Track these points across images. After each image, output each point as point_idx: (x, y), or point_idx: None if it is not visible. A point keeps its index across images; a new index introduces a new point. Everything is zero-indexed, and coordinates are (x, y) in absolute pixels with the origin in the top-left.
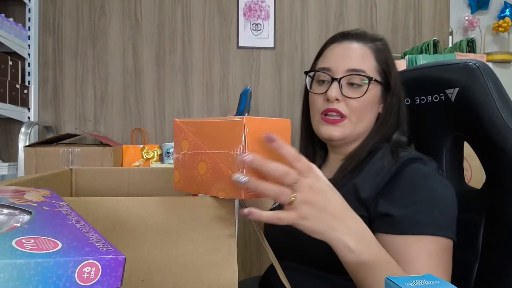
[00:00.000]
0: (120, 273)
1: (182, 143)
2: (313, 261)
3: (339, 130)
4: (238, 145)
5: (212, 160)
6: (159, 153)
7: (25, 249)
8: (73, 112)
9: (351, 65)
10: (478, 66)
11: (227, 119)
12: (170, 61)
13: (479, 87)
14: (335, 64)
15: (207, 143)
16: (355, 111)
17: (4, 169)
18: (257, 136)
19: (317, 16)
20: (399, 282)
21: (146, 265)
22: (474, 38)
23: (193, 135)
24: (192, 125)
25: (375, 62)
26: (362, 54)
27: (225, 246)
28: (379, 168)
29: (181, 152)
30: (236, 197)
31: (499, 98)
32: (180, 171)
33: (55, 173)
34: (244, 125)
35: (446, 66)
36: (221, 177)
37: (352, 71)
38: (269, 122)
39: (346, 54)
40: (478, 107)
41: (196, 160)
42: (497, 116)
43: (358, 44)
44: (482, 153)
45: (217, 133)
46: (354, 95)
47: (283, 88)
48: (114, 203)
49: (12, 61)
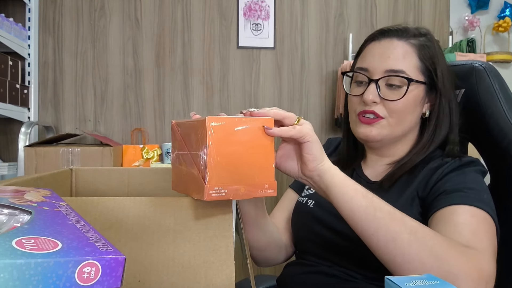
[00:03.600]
0: (120, 273)
1: (175, 144)
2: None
3: (375, 130)
4: (203, 145)
5: (189, 160)
6: (159, 153)
7: (25, 249)
8: (73, 112)
9: (390, 65)
10: (484, 67)
11: (198, 119)
12: (170, 61)
13: (485, 88)
14: (373, 64)
15: (187, 144)
16: (394, 113)
17: (4, 169)
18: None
19: (317, 16)
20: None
21: (143, 265)
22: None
23: (180, 135)
24: (180, 126)
25: (418, 60)
26: (403, 52)
27: (222, 246)
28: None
29: (174, 152)
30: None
31: (505, 99)
32: (173, 172)
33: (54, 173)
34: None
35: (452, 67)
36: (195, 178)
37: (390, 72)
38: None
39: (385, 54)
40: (484, 109)
41: (180, 160)
42: (503, 118)
43: (398, 41)
44: (487, 154)
45: (191, 134)
46: (393, 97)
47: (283, 88)
48: (111, 203)
49: (12, 61)
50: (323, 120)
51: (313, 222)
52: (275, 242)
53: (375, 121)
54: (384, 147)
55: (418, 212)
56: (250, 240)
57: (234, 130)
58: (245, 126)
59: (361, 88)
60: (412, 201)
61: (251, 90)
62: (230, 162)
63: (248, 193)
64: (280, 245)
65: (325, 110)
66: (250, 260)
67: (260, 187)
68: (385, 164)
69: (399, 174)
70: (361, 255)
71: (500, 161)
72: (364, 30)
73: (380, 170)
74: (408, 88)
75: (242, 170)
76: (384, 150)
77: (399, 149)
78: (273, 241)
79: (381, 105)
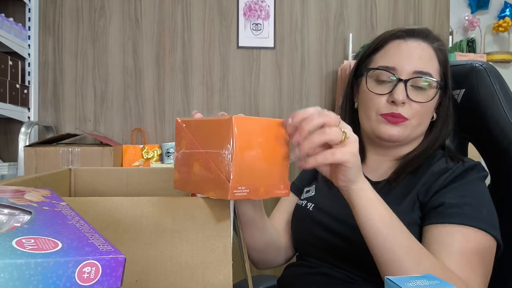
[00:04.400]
0: (120, 273)
1: (181, 142)
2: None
3: (400, 130)
4: (227, 144)
5: (205, 159)
6: (159, 153)
7: (25, 249)
8: (73, 112)
9: (419, 66)
10: (484, 67)
11: (219, 118)
12: (170, 61)
13: (485, 88)
14: (401, 63)
15: (201, 142)
16: (417, 115)
17: (4, 169)
18: (248, 136)
19: (317, 16)
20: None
21: (140, 265)
22: (474, 38)
23: (190, 134)
24: (190, 124)
25: (438, 64)
26: (429, 55)
27: (219, 246)
28: (441, 171)
29: (180, 151)
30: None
31: (505, 100)
32: (178, 170)
33: (53, 173)
34: (233, 124)
35: (452, 67)
36: (212, 177)
37: (419, 74)
38: (261, 122)
39: (413, 54)
40: (484, 109)
41: (192, 159)
42: (503, 118)
43: (424, 43)
44: (488, 155)
45: (209, 132)
46: (420, 99)
47: (283, 88)
48: (109, 203)
49: (12, 61)
50: None
51: (313, 225)
52: (274, 244)
53: (402, 122)
54: (396, 148)
55: (418, 216)
56: (248, 241)
57: (255, 130)
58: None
59: (384, 87)
60: (413, 205)
61: (251, 90)
62: (251, 162)
63: (267, 193)
64: (279, 247)
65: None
66: (248, 261)
67: (276, 187)
68: (388, 161)
69: (407, 170)
70: (361, 258)
71: (500, 161)
72: (364, 30)
73: (382, 169)
74: (438, 91)
75: (262, 170)
76: (392, 150)
77: (405, 149)
78: (272, 242)
79: (407, 106)
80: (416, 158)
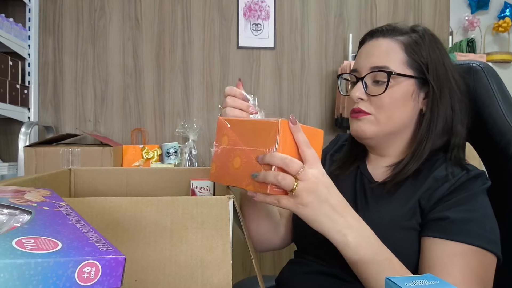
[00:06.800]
0: (120, 273)
1: (223, 138)
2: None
3: (363, 125)
4: (272, 145)
5: (247, 156)
6: (159, 153)
7: (25, 249)
8: (73, 112)
9: (374, 62)
10: (482, 67)
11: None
12: (170, 61)
13: (483, 88)
14: (360, 64)
15: (244, 140)
16: (381, 108)
17: (4, 169)
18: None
19: (317, 16)
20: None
21: (140, 265)
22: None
23: (233, 131)
24: (233, 122)
25: (404, 55)
26: (387, 49)
27: (219, 245)
28: (444, 178)
29: (220, 146)
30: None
31: (503, 100)
32: (216, 164)
33: (53, 173)
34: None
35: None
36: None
37: (374, 69)
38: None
39: (369, 52)
40: (482, 109)
41: (233, 154)
42: (500, 118)
43: (384, 39)
44: (485, 154)
45: (254, 132)
46: (376, 92)
47: (283, 88)
48: (108, 203)
49: (12, 61)
50: (323, 120)
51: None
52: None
53: (362, 116)
54: (380, 146)
55: (418, 223)
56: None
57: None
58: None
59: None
60: (415, 211)
61: (251, 90)
62: None
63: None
64: (277, 222)
65: (325, 110)
66: (256, 257)
67: None
68: (384, 166)
69: (401, 178)
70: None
71: (498, 161)
72: (364, 30)
73: (380, 171)
74: (389, 81)
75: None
76: (381, 149)
77: (396, 148)
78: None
79: (368, 102)
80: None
